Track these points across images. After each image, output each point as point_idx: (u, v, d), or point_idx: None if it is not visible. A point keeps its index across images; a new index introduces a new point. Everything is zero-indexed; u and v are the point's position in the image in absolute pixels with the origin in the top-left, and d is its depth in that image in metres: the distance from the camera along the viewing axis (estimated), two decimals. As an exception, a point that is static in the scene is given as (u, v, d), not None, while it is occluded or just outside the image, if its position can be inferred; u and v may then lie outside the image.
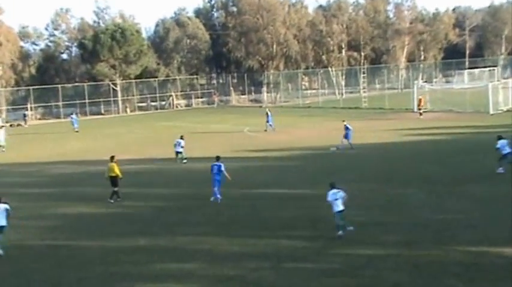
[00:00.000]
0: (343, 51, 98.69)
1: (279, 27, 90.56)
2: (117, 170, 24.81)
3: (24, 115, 77.61)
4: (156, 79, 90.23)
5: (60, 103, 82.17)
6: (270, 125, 50.12)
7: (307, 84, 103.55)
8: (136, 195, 26.26)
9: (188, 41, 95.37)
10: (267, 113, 51.69)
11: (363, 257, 16.27)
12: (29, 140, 55.52)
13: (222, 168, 23.95)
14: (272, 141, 41.70)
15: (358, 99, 73.10)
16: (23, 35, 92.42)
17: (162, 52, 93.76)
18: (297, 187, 25.87)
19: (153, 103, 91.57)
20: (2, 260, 17.72)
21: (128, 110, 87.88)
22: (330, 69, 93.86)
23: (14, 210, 24.02)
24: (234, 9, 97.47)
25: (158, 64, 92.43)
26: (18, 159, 40.72)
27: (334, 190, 18.38)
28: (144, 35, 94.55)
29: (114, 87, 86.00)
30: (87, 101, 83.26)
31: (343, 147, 36.78)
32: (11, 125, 75.48)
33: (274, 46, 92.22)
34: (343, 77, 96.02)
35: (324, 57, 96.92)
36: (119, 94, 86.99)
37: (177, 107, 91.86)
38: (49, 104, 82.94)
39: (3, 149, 46.64)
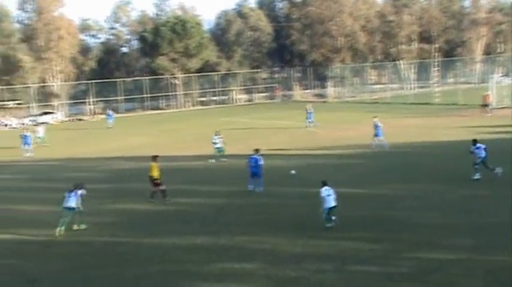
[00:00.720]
0: (414, 43, 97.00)
1: (345, 18, 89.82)
2: (154, 172, 24.94)
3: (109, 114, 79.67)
4: (217, 73, 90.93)
5: (120, 97, 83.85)
6: (311, 121, 50.15)
7: (374, 78, 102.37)
8: (194, 192, 26.58)
9: (250, 33, 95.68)
10: (306, 109, 51.76)
11: (433, 261, 15.97)
12: (88, 134, 56.96)
13: (261, 162, 25.35)
14: (337, 138, 41.43)
15: (430, 95, 71.76)
16: (84, 28, 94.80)
17: (223, 45, 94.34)
18: (361, 186, 25.63)
19: (213, 98, 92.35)
20: (62, 257, 18.28)
21: (188, 104, 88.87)
22: (399, 62, 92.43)
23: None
24: (299, 0, 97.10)
25: (219, 57, 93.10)
26: (78, 154, 41.84)
27: (326, 187, 19.55)
28: (205, 27, 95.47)
29: (175, 81, 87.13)
30: (146, 95, 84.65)
31: (377, 145, 36.48)
32: (71, 120, 77.65)
33: (340, 38, 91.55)
34: (414, 70, 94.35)
35: (393, 49, 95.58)
36: (179, 88, 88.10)
37: (238, 101, 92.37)
38: (109, 98, 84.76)
39: (47, 144, 48.64)
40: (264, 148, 37.90)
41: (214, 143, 35.83)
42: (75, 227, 21.13)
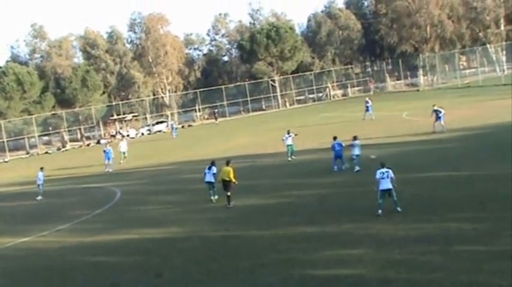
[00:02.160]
0: (502, 26, 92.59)
1: (432, 9, 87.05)
2: (231, 175, 23.87)
3: (214, 113, 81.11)
4: (312, 72, 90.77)
5: (225, 102, 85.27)
6: (370, 113, 50.35)
7: (465, 63, 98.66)
8: (300, 185, 26.53)
9: (340, 32, 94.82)
10: (366, 101, 51.61)
11: (539, 237, 15.11)
12: (199, 139, 58.21)
13: (344, 144, 28.27)
14: (431, 124, 40.20)
15: (522, 75, 68.32)
16: (188, 42, 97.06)
17: (315, 46, 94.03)
18: (460, 169, 24.68)
19: (310, 96, 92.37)
20: (183, 251, 18.71)
21: (287, 104, 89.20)
22: (488, 46, 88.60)
23: (189, 204, 25.36)
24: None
25: (313, 58, 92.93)
26: (189, 157, 42.78)
27: (383, 169, 19.07)
28: (297, 31, 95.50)
29: (273, 83, 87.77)
30: (248, 98, 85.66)
31: (441, 130, 35.97)
32: (182, 127, 79.70)
33: (428, 28, 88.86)
34: (504, 53, 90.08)
35: (481, 34, 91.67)
36: (278, 90, 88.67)
37: (333, 97, 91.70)
38: (215, 104, 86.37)
39: (125, 157, 45.43)
40: (362, 138, 37.45)
41: (285, 141, 34.94)
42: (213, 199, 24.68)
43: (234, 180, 23.98)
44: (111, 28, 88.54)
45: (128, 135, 74.04)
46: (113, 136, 75.95)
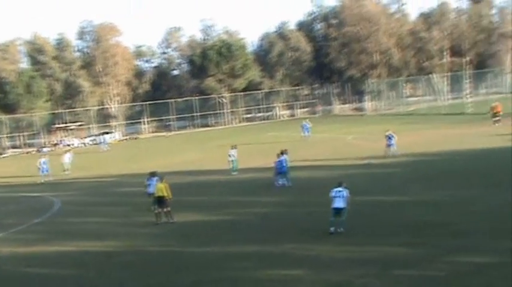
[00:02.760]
0: (446, 57, 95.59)
1: (380, 36, 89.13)
2: (165, 191, 23.45)
3: (168, 125, 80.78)
4: (261, 91, 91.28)
5: (172, 117, 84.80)
6: (308, 135, 53.11)
7: (409, 91, 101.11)
8: (243, 203, 26.48)
9: (291, 53, 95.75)
10: (304, 125, 54.45)
11: (472, 264, 15.46)
12: (144, 152, 57.56)
13: (284, 163, 29.22)
14: (376, 149, 40.86)
15: (463, 105, 70.36)
16: (138, 54, 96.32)
17: (266, 65, 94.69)
18: (402, 194, 25.14)
19: (258, 114, 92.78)
20: (122, 266, 18.35)
21: (235, 121, 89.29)
22: (432, 75, 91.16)
23: (129, 217, 24.96)
24: (336, 21, 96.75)
25: (263, 77, 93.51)
26: (133, 170, 42.21)
27: (339, 188, 19.36)
28: (248, 49, 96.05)
29: (222, 100, 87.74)
30: (196, 114, 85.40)
31: (393, 154, 36.74)
32: (128, 139, 78.75)
33: (376, 55, 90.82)
34: (447, 83, 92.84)
35: (426, 64, 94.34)
36: (227, 107, 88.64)
37: (281, 117, 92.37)
38: (162, 117, 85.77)
39: (67, 169, 44.51)
40: (307, 159, 37.83)
41: (230, 157, 35.83)
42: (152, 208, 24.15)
43: (169, 196, 23.56)
44: (60, 35, 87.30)
45: (70, 145, 72.62)
46: (56, 145, 74.38)
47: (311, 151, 43.01)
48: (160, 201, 23.43)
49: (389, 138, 37.71)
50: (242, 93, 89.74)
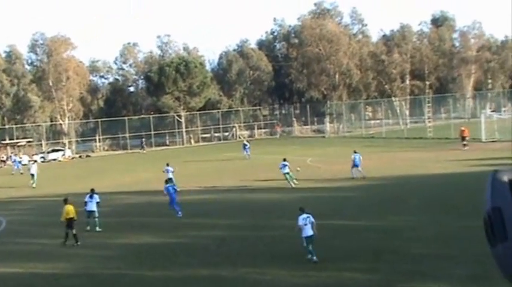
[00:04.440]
0: (407, 80, 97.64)
1: (341, 57, 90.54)
2: (74, 212, 24.05)
3: (142, 142, 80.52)
4: (219, 111, 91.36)
5: (127, 135, 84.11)
6: (248, 154, 56.87)
7: (370, 114, 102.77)
8: (197, 225, 26.49)
9: (251, 72, 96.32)
10: (244, 145, 58.69)
11: (428, 290, 15.82)
12: (95, 171, 56.98)
13: (176, 187, 29.40)
14: (335, 172, 41.44)
15: (423, 129, 71.87)
16: (93, 69, 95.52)
17: (225, 84, 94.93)
18: (358, 218, 25.52)
19: (216, 134, 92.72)
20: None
21: (192, 141, 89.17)
22: (393, 99, 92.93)
23: (80, 239, 24.69)
24: (296, 40, 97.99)
25: (221, 96, 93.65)
26: (85, 189, 41.70)
27: (304, 215, 18.93)
28: (207, 67, 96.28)
29: (179, 118, 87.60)
30: (152, 132, 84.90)
31: (355, 177, 37.42)
32: (80, 157, 77.77)
33: (337, 76, 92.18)
34: (407, 106, 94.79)
35: (386, 86, 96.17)
36: (183, 125, 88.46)
37: (240, 137, 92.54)
38: (116, 135, 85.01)
39: (34, 185, 45.83)
40: (264, 180, 38.11)
41: (167, 174, 37.04)
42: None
43: (74, 218, 24.08)
44: (10, 47, 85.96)
45: (20, 161, 71.36)
46: (3, 161, 72.92)
47: (269, 172, 43.30)
48: (70, 223, 23.86)
49: (355, 159, 38.34)
50: (200, 112, 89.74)
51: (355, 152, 39.11)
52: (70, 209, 23.99)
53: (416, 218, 24.74)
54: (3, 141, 77.89)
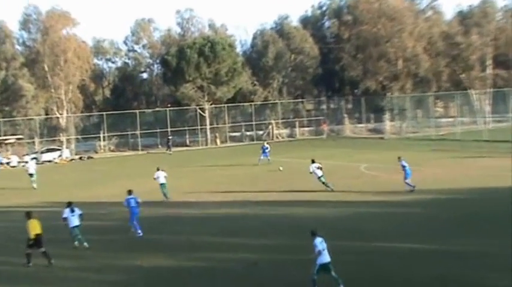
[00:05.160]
0: (488, 68, 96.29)
1: (405, 39, 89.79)
2: (36, 230, 24.47)
3: (168, 140, 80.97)
4: (252, 103, 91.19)
5: (138, 132, 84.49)
6: (268, 159, 57.64)
7: (441, 110, 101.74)
8: (222, 245, 26.57)
9: (292, 56, 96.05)
10: (263, 148, 59.06)
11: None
12: (99, 176, 57.56)
13: (139, 200, 29.79)
14: (396, 182, 41.17)
15: (508, 130, 70.91)
16: (98, 51, 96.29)
17: (260, 70, 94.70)
18: (422, 240, 25.36)
19: (248, 133, 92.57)
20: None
21: (218, 141, 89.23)
22: (470, 91, 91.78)
23: (81, 259, 25.05)
24: (350, 17, 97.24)
25: (255, 85, 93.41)
26: (85, 198, 42.24)
27: (319, 238, 19.07)
28: (238, 49, 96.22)
29: (202, 113, 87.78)
30: (169, 129, 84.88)
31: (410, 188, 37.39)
32: (80, 158, 78.59)
33: (400, 63, 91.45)
34: (489, 101, 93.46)
35: (462, 76, 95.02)
36: (207, 121, 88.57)
37: (277, 137, 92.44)
38: (125, 133, 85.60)
39: (35, 185, 50.03)
40: (307, 191, 38.10)
41: (157, 179, 39.33)
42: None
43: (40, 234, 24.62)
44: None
45: (8, 164, 72.58)
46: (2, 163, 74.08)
47: (311, 181, 43.24)
48: (38, 240, 24.34)
49: (403, 167, 38.23)
50: (228, 105, 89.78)
51: (400, 159, 39.13)
52: (35, 225, 24.53)
53: (492, 241, 24.49)
54: (-13, 139, 78.93)
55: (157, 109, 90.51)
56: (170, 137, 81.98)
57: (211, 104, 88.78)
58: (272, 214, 33.38)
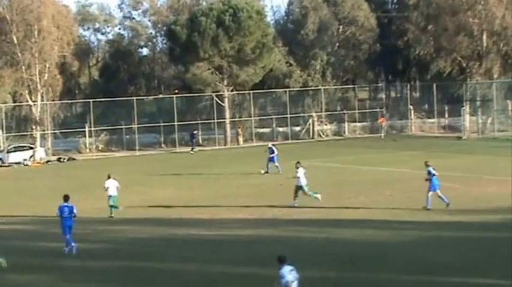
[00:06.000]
0: None
1: (492, 6, 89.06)
2: None
3: (193, 136, 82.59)
4: (287, 90, 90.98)
5: (135, 125, 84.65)
6: (276, 166, 56.85)
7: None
8: (244, 278, 26.41)
9: (341, 28, 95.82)
10: (269, 148, 58.84)
11: None
12: (82, 183, 57.73)
13: (74, 211, 30.90)
14: (479, 197, 40.87)
15: None
16: (84, 18, 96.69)
17: (297, 46, 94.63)
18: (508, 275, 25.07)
19: (280, 129, 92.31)
20: None
21: (241, 138, 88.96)
22: None
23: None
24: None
25: (290, 65, 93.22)
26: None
27: (288, 267, 19.56)
28: (269, 18, 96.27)
29: (220, 102, 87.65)
30: (176, 123, 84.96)
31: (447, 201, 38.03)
32: (59, 159, 78.85)
33: (484, 38, 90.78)
34: None
35: None
36: (227, 113, 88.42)
37: (319, 135, 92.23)
38: (117, 126, 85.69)
39: None
40: (358, 207, 37.88)
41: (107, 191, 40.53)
42: None
43: None
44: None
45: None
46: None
47: (364, 195, 43.07)
48: None
49: (429, 173, 38.81)
50: (254, 91, 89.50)
51: (427, 165, 39.54)
52: None
53: None
54: None
55: (160, 96, 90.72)
56: (195, 132, 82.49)
57: (232, 90, 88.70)
58: (311, 237, 33.13)
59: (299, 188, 40.19)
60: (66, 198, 31.47)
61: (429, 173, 38.76)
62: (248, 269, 27.59)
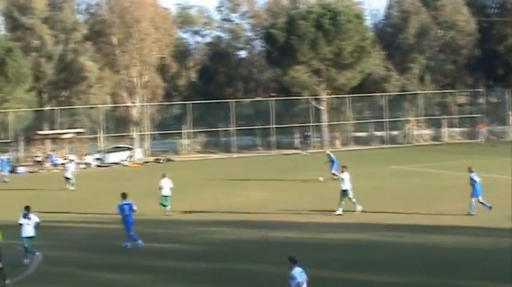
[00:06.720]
0: None
1: None
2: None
3: (306, 137, 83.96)
4: (385, 94, 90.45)
5: (233, 128, 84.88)
6: (333, 173, 55.99)
7: None
8: (336, 282, 26.34)
9: (440, 32, 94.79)
10: (328, 155, 59.33)
11: None
12: (180, 185, 58.16)
13: (134, 207, 32.26)
14: None
15: None
16: (183, 21, 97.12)
17: (395, 50, 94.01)
18: None
19: (378, 133, 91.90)
20: None
21: (338, 142, 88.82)
22: None
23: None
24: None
25: (389, 70, 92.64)
26: (159, 211, 42.75)
27: (298, 268, 19.80)
28: (367, 22, 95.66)
29: (318, 105, 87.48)
30: (273, 126, 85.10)
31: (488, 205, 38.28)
32: (156, 160, 79.44)
33: None
34: None
35: None
36: (325, 116, 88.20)
37: (417, 140, 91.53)
38: (215, 129, 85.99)
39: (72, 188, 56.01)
40: (459, 215, 37.45)
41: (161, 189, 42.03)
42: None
43: None
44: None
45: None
46: (39, 163, 75.53)
47: (465, 200, 42.55)
48: None
49: (471, 180, 38.94)
50: (352, 95, 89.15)
51: (471, 171, 39.42)
52: None
53: None
54: (40, 132, 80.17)
55: (258, 99, 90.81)
56: (308, 134, 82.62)
57: (329, 94, 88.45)
58: (409, 242, 32.83)
59: (344, 192, 40.15)
60: (124, 195, 32.69)
61: (471, 179, 38.95)
62: (336, 273, 27.57)
